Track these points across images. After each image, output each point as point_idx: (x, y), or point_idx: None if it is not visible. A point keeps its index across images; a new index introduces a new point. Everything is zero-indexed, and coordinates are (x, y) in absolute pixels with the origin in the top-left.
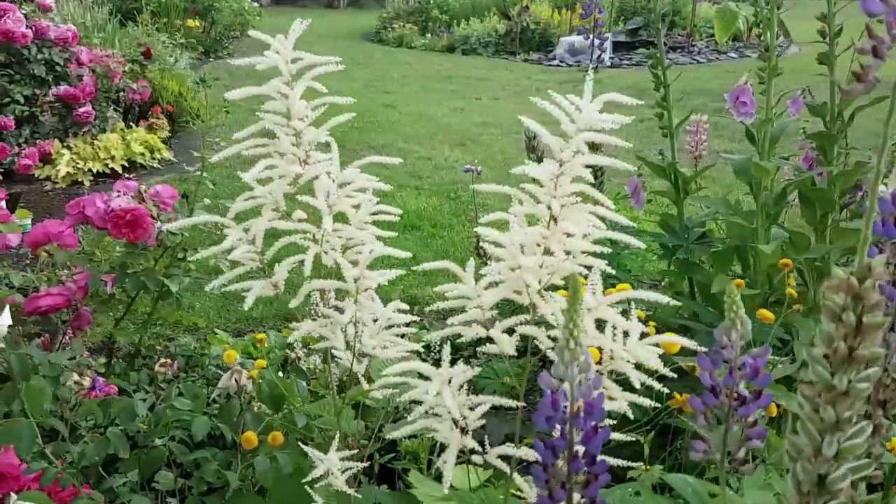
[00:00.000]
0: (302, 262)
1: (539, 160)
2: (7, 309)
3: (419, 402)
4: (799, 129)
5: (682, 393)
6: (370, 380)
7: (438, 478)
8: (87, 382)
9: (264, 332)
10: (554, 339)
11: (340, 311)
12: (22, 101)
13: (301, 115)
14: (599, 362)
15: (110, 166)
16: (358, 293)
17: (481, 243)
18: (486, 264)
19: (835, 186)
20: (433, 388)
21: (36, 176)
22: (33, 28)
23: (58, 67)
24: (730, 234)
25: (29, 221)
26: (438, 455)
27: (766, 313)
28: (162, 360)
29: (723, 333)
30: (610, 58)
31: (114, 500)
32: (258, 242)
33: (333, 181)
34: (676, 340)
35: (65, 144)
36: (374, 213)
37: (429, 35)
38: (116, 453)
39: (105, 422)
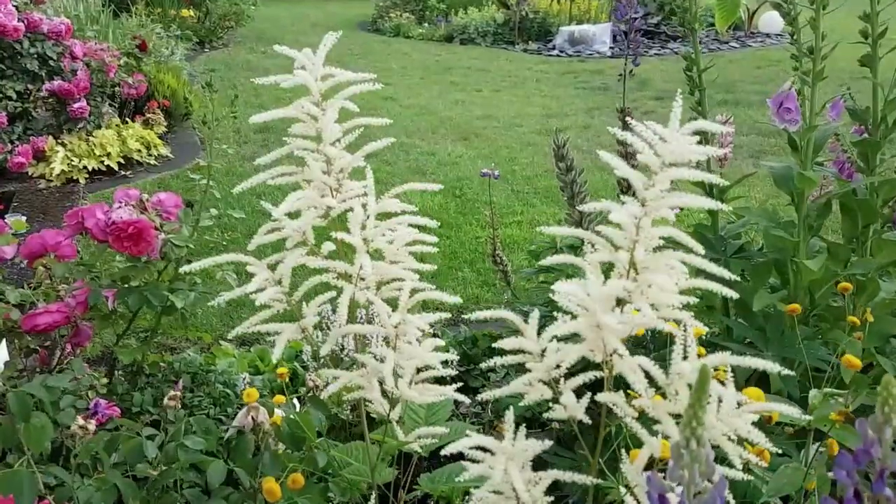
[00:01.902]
0: (330, 301)
1: (568, 169)
2: (3, 343)
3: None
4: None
5: None
6: (402, 421)
7: None
8: (91, 427)
9: (270, 344)
10: (639, 411)
11: (373, 354)
12: (14, 96)
13: (333, 140)
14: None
15: (106, 163)
16: (397, 339)
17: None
18: (504, 273)
19: (877, 196)
20: (498, 465)
21: (30, 174)
22: (25, 21)
23: (51, 62)
24: (768, 246)
25: (25, 227)
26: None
27: None
28: (171, 394)
29: (870, 428)
30: (610, 47)
31: None
32: (285, 282)
33: (367, 214)
34: (776, 408)
35: (59, 141)
36: (409, 245)
37: (426, 24)
38: (125, 502)
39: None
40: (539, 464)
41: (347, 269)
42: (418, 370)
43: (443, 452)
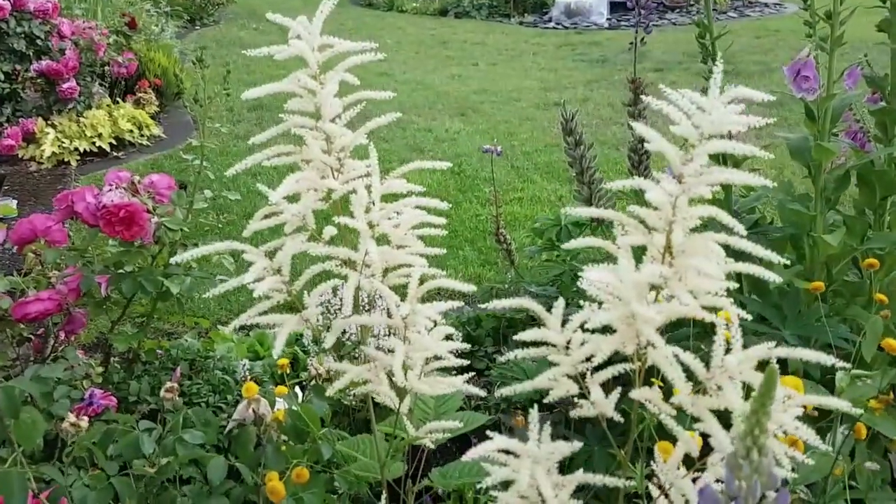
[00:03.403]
0: (333, 290)
1: (577, 144)
2: None
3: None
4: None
5: None
6: (411, 410)
7: None
8: (84, 424)
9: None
10: (678, 409)
11: (382, 348)
12: (2, 77)
13: (333, 116)
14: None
15: (97, 144)
16: (407, 329)
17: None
18: (508, 252)
19: (895, 166)
20: (524, 470)
21: (20, 156)
22: None
23: (39, 41)
24: (784, 220)
25: (15, 211)
26: (484, 493)
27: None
28: (167, 386)
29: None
30: (607, 19)
31: None
32: (285, 272)
33: (371, 196)
34: (825, 402)
35: (49, 123)
36: (416, 227)
37: None
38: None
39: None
40: None
41: (351, 256)
42: (427, 360)
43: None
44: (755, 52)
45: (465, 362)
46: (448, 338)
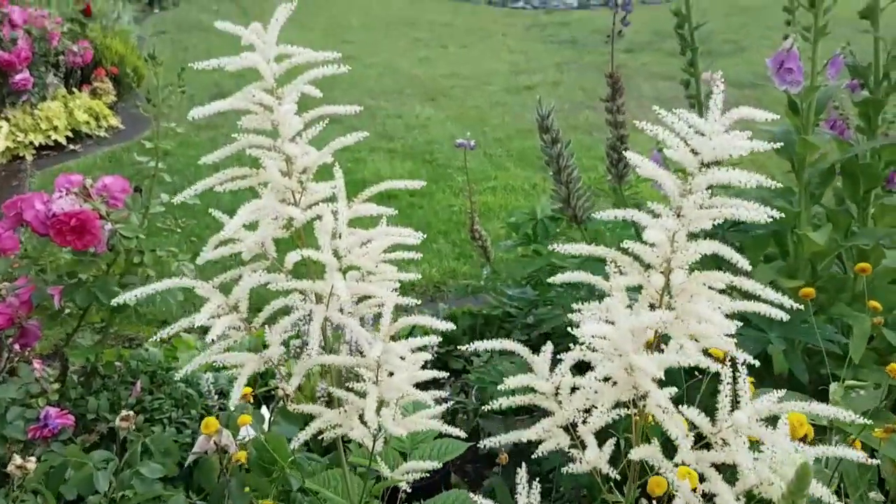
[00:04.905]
0: (298, 323)
1: (554, 142)
2: None
3: None
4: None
5: None
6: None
7: None
8: (31, 465)
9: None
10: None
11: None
12: None
13: (293, 134)
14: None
15: (53, 138)
16: (380, 369)
17: None
18: (484, 249)
19: (879, 158)
20: None
21: None
22: None
23: None
24: None
25: None
26: None
27: None
28: (123, 415)
29: None
30: None
31: None
32: (243, 308)
33: (337, 222)
34: (832, 452)
35: (2, 116)
36: (388, 251)
37: None
38: None
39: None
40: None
41: (317, 289)
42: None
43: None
44: (725, 31)
45: (444, 374)
46: (425, 366)
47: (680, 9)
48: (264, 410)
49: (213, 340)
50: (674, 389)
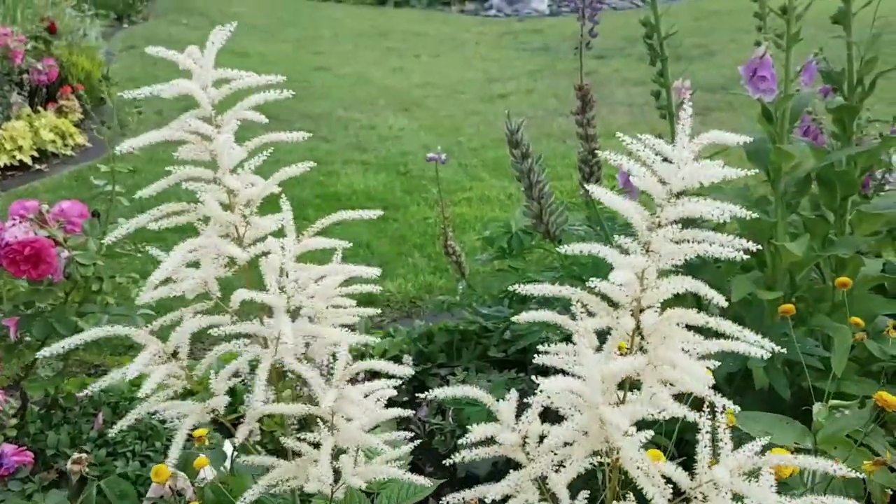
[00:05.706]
0: (247, 367)
1: (524, 156)
2: None
3: None
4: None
5: None
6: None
7: None
8: None
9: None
10: None
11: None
12: None
13: (234, 165)
14: None
15: (18, 158)
16: (336, 416)
17: None
18: (458, 265)
19: (855, 165)
20: None
21: None
22: None
23: None
24: (743, 227)
25: None
26: None
27: None
28: (74, 457)
29: None
30: (549, 5)
31: None
32: (183, 355)
33: (284, 258)
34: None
35: None
36: (345, 284)
37: None
38: None
39: None
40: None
41: (263, 333)
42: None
43: None
44: (694, 35)
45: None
46: (388, 404)
47: (649, 19)
48: (227, 445)
49: (146, 395)
50: (650, 433)
